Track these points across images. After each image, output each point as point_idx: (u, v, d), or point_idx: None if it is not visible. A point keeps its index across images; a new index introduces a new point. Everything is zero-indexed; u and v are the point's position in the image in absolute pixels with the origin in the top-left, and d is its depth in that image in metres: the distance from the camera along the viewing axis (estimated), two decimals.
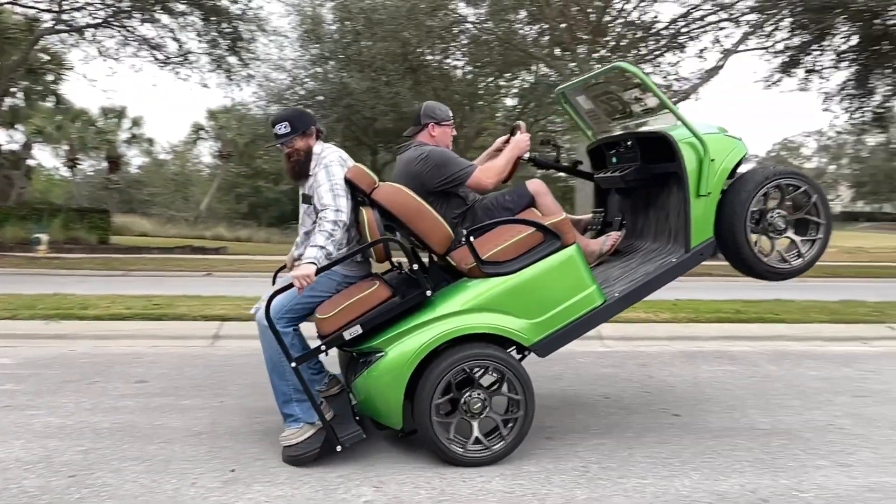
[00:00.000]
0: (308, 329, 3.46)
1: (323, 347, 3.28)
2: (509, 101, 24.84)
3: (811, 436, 3.82)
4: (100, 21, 18.10)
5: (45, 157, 71.82)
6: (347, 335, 3.24)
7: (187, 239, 25.32)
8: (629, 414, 4.23)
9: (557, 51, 17.90)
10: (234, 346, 5.99)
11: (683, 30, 17.18)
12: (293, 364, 3.22)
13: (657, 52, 17.80)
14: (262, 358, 3.44)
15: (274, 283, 3.91)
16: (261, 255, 18.29)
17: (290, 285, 3.23)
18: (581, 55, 15.95)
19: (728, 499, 2.97)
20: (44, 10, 18.31)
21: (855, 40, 18.43)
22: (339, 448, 3.28)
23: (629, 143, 3.91)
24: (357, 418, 3.47)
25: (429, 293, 3.30)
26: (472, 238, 3.33)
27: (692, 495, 3.00)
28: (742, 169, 3.81)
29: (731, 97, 57.49)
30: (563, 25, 15.33)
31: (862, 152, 50.61)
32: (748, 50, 17.59)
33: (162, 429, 3.79)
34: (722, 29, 17.17)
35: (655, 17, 16.93)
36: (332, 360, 3.62)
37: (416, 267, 3.29)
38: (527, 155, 3.90)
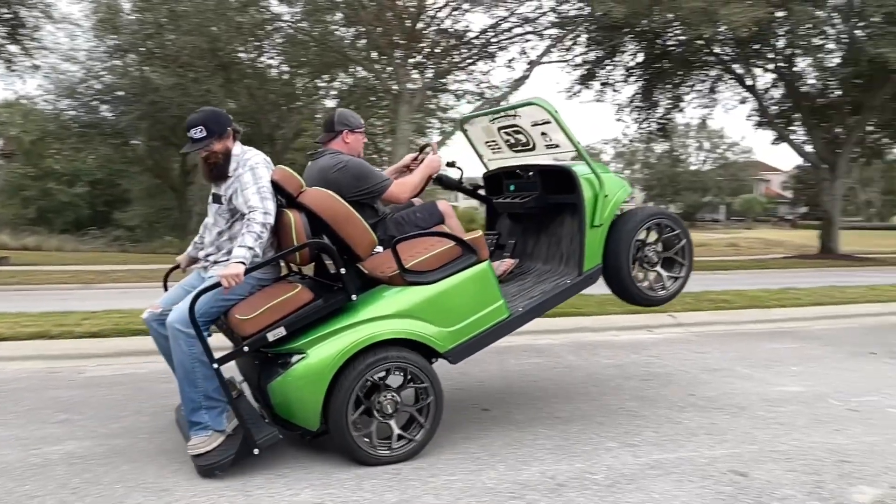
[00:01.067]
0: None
1: (245, 348, 3.24)
2: (329, 103, 24.58)
3: (604, 419, 4.13)
4: None
5: None
6: (271, 336, 3.25)
7: None
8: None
9: (375, 54, 18.01)
10: (10, 370, 5.30)
11: (493, 40, 18.02)
12: (215, 365, 3.18)
13: (470, 61, 18.53)
14: (42, 381, 3.08)
15: (165, 285, 3.82)
16: (51, 266, 16.44)
17: (216, 285, 3.19)
18: (398, 60, 16.16)
19: (529, 486, 3.12)
20: None
21: (641, 58, 20.46)
22: (255, 451, 3.21)
23: (531, 173, 4.28)
24: (265, 420, 3.44)
25: (354, 297, 3.36)
26: (396, 247, 3.47)
27: (497, 487, 3.11)
28: None
29: None
30: (379, 30, 15.41)
31: (651, 159, 56.35)
32: (551, 62, 18.87)
33: None
34: (528, 41, 18.27)
35: (467, 26, 17.58)
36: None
37: (343, 271, 3.35)
38: (435, 174, 4.09)
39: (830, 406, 4.44)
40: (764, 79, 21.23)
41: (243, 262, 3.20)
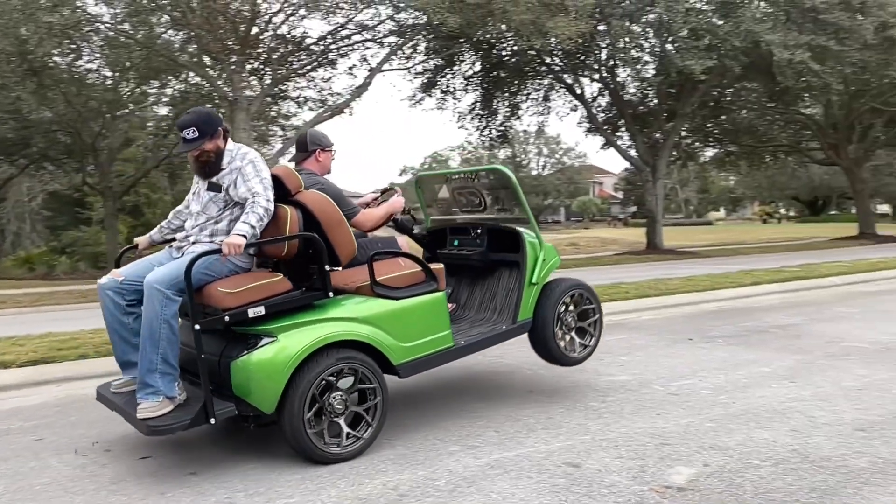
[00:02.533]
0: None
1: (227, 318, 3.36)
2: (161, 110, 23.14)
3: (447, 424, 4.16)
4: None
5: None
6: (252, 313, 3.40)
7: None
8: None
9: (208, 59, 17.17)
10: None
11: (332, 47, 17.83)
12: (197, 327, 3.26)
13: (309, 67, 18.21)
14: None
15: (118, 263, 3.86)
16: None
17: (217, 251, 3.37)
18: (233, 66, 15.49)
19: (370, 500, 3.05)
20: None
21: (478, 67, 21.15)
22: (212, 420, 3.26)
23: (478, 230, 4.77)
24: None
25: (331, 294, 3.60)
26: (372, 261, 3.81)
27: None
28: None
29: (382, 113, 61.49)
30: (210, 34, 14.69)
31: (495, 164, 58.50)
32: (393, 70, 18.96)
33: None
34: (368, 49, 18.27)
35: (305, 32, 17.25)
36: None
37: (328, 268, 3.59)
38: (396, 214, 4.40)
39: (654, 392, 4.77)
40: (591, 88, 22.73)
41: (244, 236, 3.39)
